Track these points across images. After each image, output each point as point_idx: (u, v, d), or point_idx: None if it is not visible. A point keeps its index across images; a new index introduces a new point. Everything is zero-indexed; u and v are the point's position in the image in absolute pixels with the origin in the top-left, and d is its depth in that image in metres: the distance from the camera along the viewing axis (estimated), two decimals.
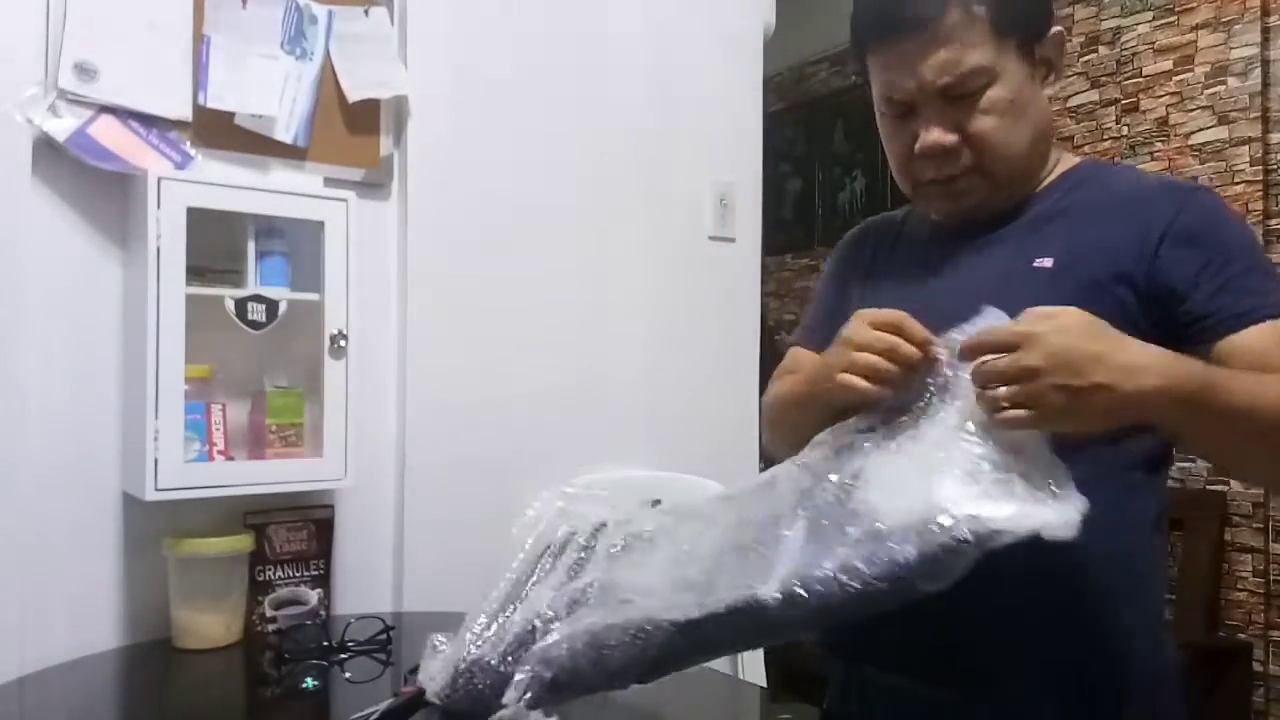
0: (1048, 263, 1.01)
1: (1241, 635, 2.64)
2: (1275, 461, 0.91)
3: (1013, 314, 0.90)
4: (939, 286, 1.09)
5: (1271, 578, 2.61)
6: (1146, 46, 2.94)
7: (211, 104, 1.66)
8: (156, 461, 1.52)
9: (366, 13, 1.83)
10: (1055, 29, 1.07)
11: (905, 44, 1.02)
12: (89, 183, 1.60)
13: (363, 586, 1.85)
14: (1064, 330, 0.82)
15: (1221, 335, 0.94)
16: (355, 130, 1.83)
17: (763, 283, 2.38)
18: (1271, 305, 0.95)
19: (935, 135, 1.04)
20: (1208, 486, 2.74)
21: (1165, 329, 0.95)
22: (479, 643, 1.07)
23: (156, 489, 1.52)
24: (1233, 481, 2.67)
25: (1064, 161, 1.13)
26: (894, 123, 1.09)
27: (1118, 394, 0.81)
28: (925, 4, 1.01)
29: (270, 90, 1.72)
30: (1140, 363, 0.82)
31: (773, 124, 2.34)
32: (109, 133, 1.59)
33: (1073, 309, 0.84)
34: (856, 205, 4.13)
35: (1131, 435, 0.94)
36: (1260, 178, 2.65)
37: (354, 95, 1.80)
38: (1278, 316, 0.94)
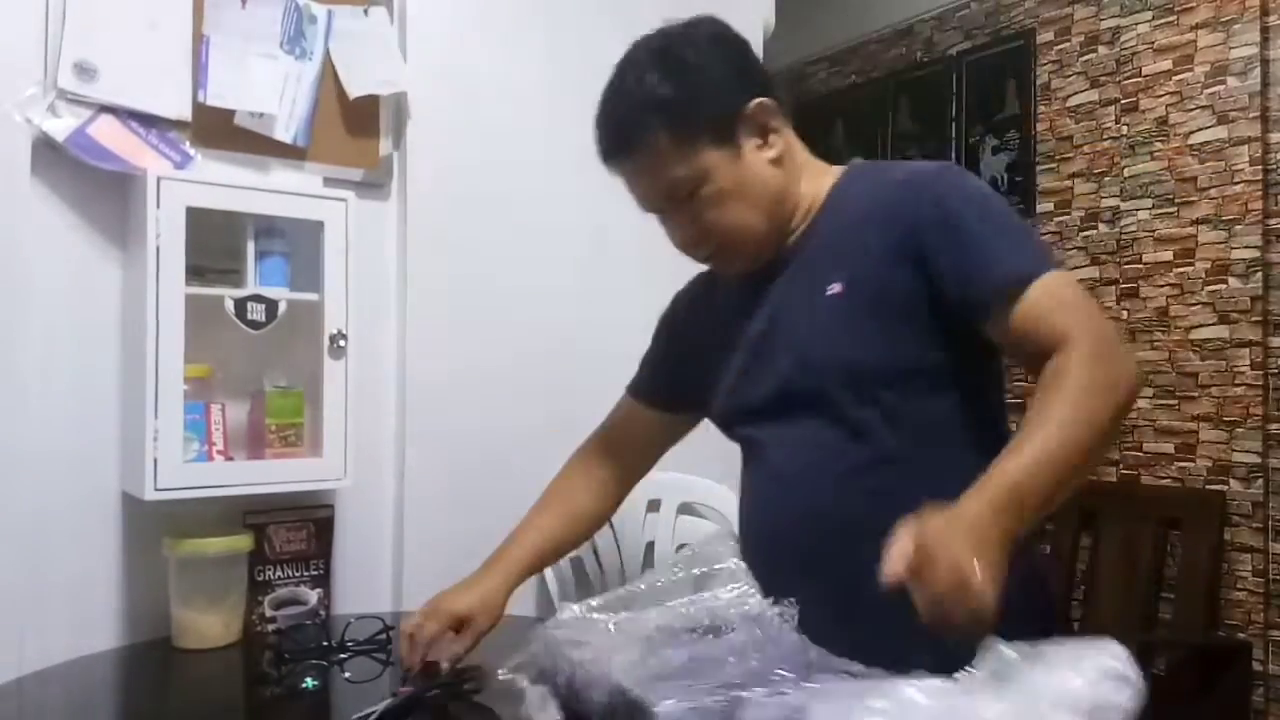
0: (838, 288, 1.09)
1: (1241, 635, 2.64)
2: (1103, 449, 0.96)
3: (817, 341, 1.08)
4: (755, 331, 1.18)
5: (1271, 577, 2.61)
6: (1146, 46, 2.94)
7: (211, 101, 1.65)
8: (156, 461, 1.52)
9: (366, 12, 1.83)
10: (752, 104, 1.12)
11: (621, 171, 1.16)
12: (88, 183, 1.60)
13: (362, 586, 1.85)
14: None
15: (980, 317, 1.02)
16: (354, 130, 1.83)
17: None
18: (1018, 267, 1.00)
19: (678, 238, 1.17)
20: (1207, 486, 2.74)
21: (954, 313, 1.04)
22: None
23: (156, 489, 1.53)
24: (1232, 481, 2.68)
25: (825, 181, 1.19)
26: (659, 219, 1.19)
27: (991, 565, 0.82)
28: (614, 141, 1.14)
29: (270, 90, 1.72)
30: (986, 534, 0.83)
31: None
32: (108, 132, 1.59)
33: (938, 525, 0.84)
34: None
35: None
36: (1260, 177, 2.64)
37: (354, 92, 1.80)
38: (1029, 278, 0.99)
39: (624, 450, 1.46)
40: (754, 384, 1.18)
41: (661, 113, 1.09)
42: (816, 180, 1.19)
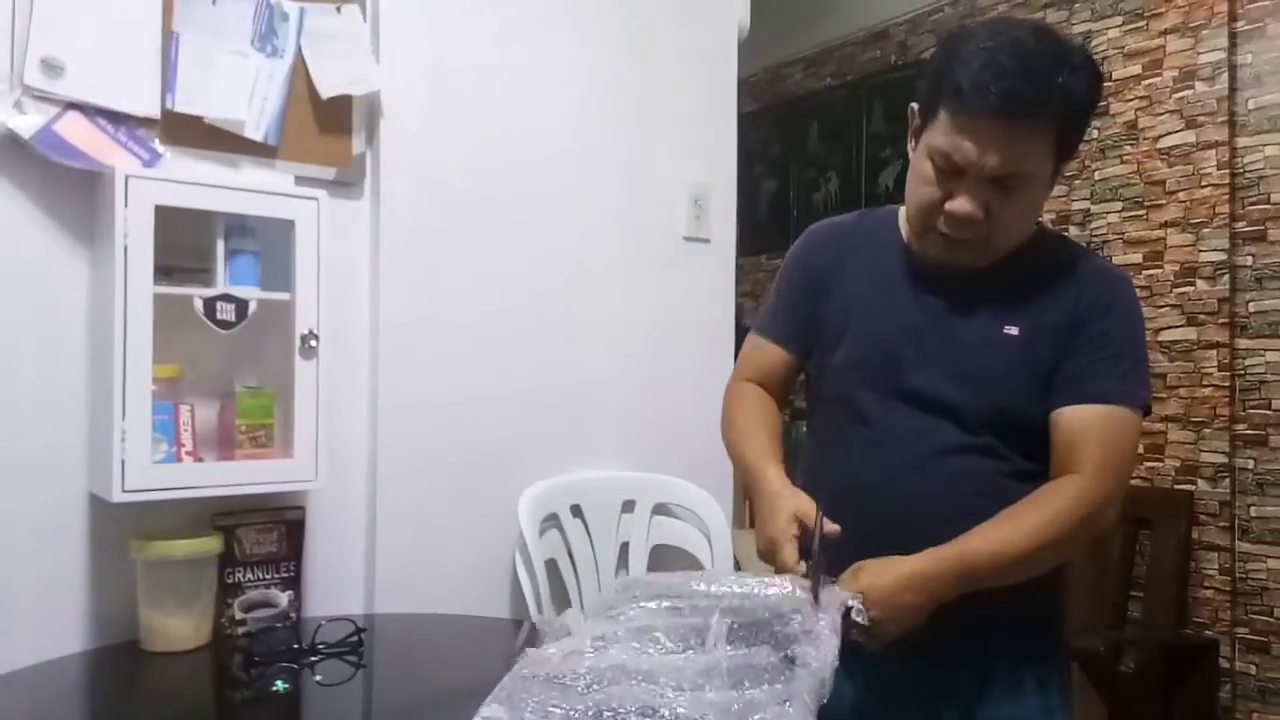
0: (1015, 331, 1.20)
1: (1209, 632, 2.67)
2: (1048, 562, 1.17)
3: (989, 374, 1.19)
4: (925, 332, 1.24)
5: (1237, 575, 2.64)
6: (1116, 51, 2.97)
7: (179, 108, 1.64)
8: (124, 462, 1.51)
9: (339, 10, 1.82)
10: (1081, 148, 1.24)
11: (991, 125, 1.11)
12: (55, 181, 1.58)
13: (334, 588, 1.83)
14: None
15: (1060, 404, 1.18)
16: (327, 128, 1.82)
17: (737, 283, 2.38)
18: (1112, 392, 1.16)
19: (968, 208, 1.15)
20: (1175, 486, 2.77)
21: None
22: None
23: (124, 490, 1.51)
24: (1200, 481, 2.71)
25: (1023, 237, 1.25)
26: (936, 173, 1.17)
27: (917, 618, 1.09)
28: (1013, 100, 1.09)
29: (240, 89, 1.70)
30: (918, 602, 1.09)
31: (748, 125, 2.35)
32: (76, 130, 1.57)
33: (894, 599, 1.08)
34: (831, 206, 4.14)
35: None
36: (1227, 181, 2.68)
37: (326, 92, 1.79)
38: (1112, 403, 1.16)
39: (768, 386, 1.45)
40: (903, 369, 1.24)
41: (1066, 110, 1.12)
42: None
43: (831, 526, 1.14)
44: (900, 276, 1.28)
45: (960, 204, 1.15)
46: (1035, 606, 1.24)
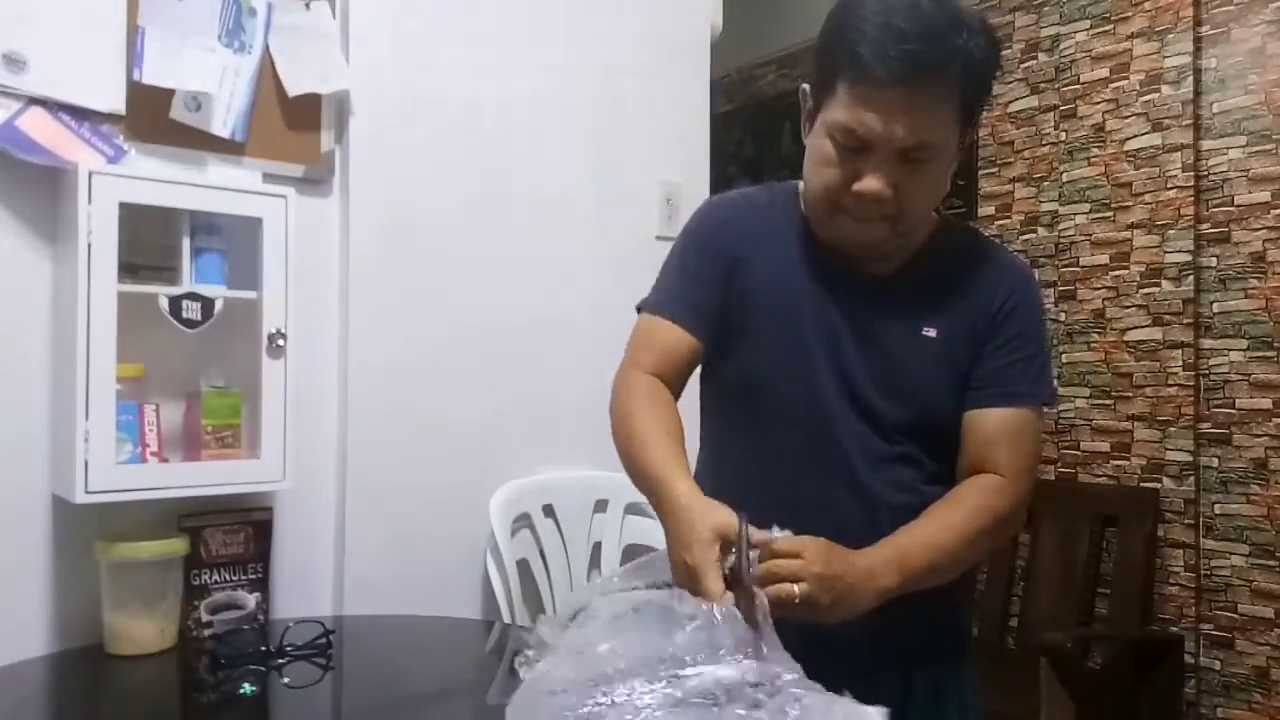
0: (933, 333, 1.18)
1: (1174, 628, 2.71)
2: (972, 559, 1.17)
3: (911, 378, 1.16)
4: (842, 333, 1.18)
5: (1202, 572, 2.68)
6: (1084, 54, 3.00)
7: (148, 80, 1.61)
8: (87, 463, 1.49)
9: (308, 6, 1.80)
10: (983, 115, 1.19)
11: (894, 93, 1.04)
12: (17, 177, 1.56)
13: (302, 590, 1.82)
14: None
15: (975, 405, 1.18)
16: (295, 125, 1.80)
17: None
18: (1025, 395, 1.17)
19: (877, 185, 1.08)
20: (1141, 484, 2.80)
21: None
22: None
23: (87, 491, 1.49)
24: (1165, 479, 2.75)
25: (929, 218, 1.23)
26: (839, 152, 1.10)
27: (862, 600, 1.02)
28: (925, 64, 1.03)
29: (208, 77, 1.68)
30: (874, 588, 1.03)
31: (720, 125, 2.35)
32: (38, 125, 1.55)
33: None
34: None
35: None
36: (1191, 183, 2.71)
37: (294, 90, 1.77)
38: (1025, 405, 1.17)
39: (669, 378, 1.27)
40: (819, 372, 1.17)
41: (968, 75, 1.06)
42: None
43: (759, 535, 1.00)
44: (812, 268, 1.19)
45: (869, 183, 1.08)
46: (949, 613, 1.24)
